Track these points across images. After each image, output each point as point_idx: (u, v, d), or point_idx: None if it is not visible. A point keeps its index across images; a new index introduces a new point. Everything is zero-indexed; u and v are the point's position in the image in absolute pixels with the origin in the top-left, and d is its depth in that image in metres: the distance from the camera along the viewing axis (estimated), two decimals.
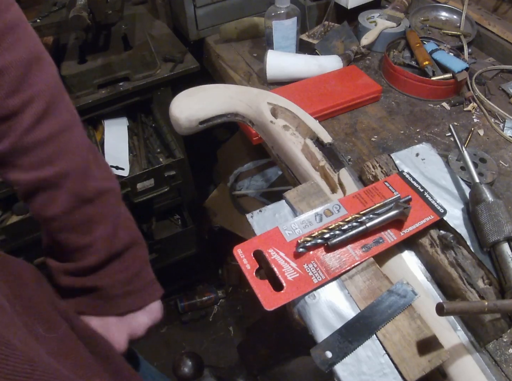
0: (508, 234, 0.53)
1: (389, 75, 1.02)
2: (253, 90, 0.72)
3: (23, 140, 0.44)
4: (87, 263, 0.49)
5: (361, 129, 0.90)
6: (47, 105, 0.46)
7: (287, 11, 0.99)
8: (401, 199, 0.55)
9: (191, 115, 0.68)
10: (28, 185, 0.46)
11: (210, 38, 1.25)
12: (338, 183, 0.60)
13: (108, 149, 1.19)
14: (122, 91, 1.14)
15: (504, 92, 0.98)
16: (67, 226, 0.48)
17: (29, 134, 0.45)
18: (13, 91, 0.43)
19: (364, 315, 0.46)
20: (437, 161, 0.66)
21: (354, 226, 0.51)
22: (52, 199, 0.47)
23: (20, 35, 0.44)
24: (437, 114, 0.94)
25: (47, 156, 0.46)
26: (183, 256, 1.50)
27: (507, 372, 0.49)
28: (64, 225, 0.48)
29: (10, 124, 0.44)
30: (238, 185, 1.57)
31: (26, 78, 0.44)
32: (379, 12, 1.15)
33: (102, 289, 0.50)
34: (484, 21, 1.09)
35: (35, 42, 0.47)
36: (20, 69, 0.43)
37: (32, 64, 0.45)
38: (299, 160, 0.64)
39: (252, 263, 0.49)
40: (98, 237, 0.49)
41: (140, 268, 0.53)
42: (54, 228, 0.48)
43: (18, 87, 0.43)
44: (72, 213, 0.48)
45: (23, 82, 0.44)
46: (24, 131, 0.44)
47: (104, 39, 1.18)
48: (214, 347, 1.65)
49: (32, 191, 0.47)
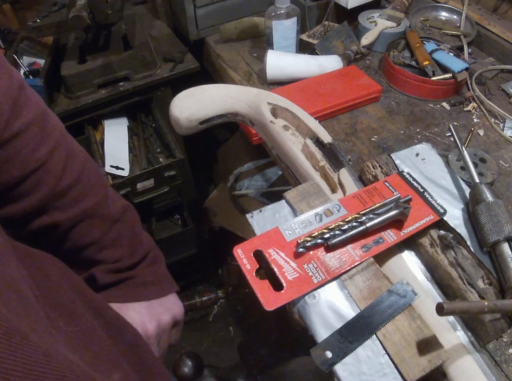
0: (508, 234, 0.53)
1: (389, 75, 1.02)
2: (253, 90, 0.72)
3: (56, 188, 0.49)
4: (126, 264, 0.55)
5: (361, 129, 0.90)
6: (67, 150, 0.51)
7: (287, 11, 0.99)
8: (401, 199, 0.55)
9: (191, 115, 0.68)
10: (69, 221, 0.51)
11: (210, 38, 1.25)
12: (338, 183, 0.60)
13: (108, 149, 1.19)
14: (122, 91, 1.14)
15: (504, 92, 0.98)
16: (105, 245, 0.54)
17: (61, 182, 0.50)
18: (38, 145, 0.47)
19: (364, 315, 0.46)
20: (437, 161, 0.66)
21: (354, 226, 0.52)
22: (90, 227, 0.53)
23: (28, 92, 0.48)
24: (437, 114, 0.94)
25: (80, 193, 0.52)
26: (183, 256, 1.50)
27: (507, 372, 0.49)
28: (103, 245, 0.54)
29: (41, 176, 0.48)
30: (238, 185, 1.57)
31: (44, 131, 0.48)
32: (379, 12, 1.15)
33: (135, 277, 0.56)
34: (484, 21, 1.09)
35: (37, 95, 0.51)
36: (39, 124, 0.48)
37: (45, 116, 0.49)
38: (299, 160, 0.64)
39: (252, 263, 0.49)
40: (132, 244, 0.56)
41: (161, 263, 0.61)
42: (93, 250, 0.54)
43: (40, 141, 0.48)
44: (107, 234, 0.54)
45: (43, 135, 0.48)
46: (56, 180, 0.49)
47: (104, 39, 1.18)
48: (214, 347, 1.65)
49: (72, 225, 0.51)
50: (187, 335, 1.68)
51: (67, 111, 1.10)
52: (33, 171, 0.47)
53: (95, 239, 0.53)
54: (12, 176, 0.45)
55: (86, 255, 0.54)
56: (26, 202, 0.47)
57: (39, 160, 0.47)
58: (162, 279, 0.59)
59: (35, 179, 0.47)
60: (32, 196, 0.48)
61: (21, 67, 1.16)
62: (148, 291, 0.56)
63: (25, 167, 0.46)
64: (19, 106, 0.46)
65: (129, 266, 0.55)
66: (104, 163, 1.14)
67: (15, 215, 0.48)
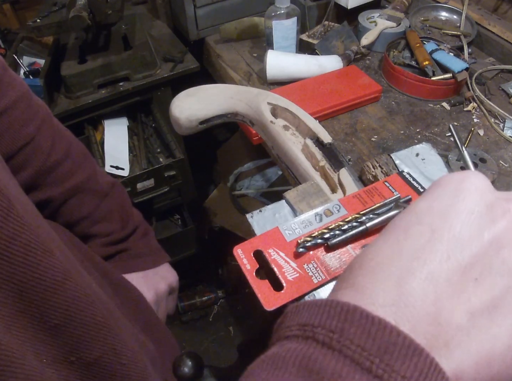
0: None
1: (389, 75, 1.02)
2: (253, 90, 0.72)
3: (46, 164, 0.50)
4: (119, 236, 0.57)
5: (361, 129, 0.90)
6: (53, 127, 0.52)
7: (287, 11, 0.99)
8: (401, 199, 0.55)
9: (191, 115, 0.68)
10: (61, 196, 0.52)
11: (210, 38, 1.25)
12: (338, 183, 0.60)
13: (108, 149, 1.19)
14: (122, 91, 1.14)
15: (504, 92, 0.98)
16: (97, 219, 0.56)
17: (50, 157, 0.51)
18: (25, 121, 0.48)
19: None
20: (437, 161, 0.66)
21: (354, 226, 0.51)
22: (81, 202, 0.54)
23: (11, 72, 0.49)
24: (437, 114, 0.94)
25: (69, 169, 0.53)
26: (183, 256, 1.50)
27: None
28: (95, 220, 0.56)
29: (29, 152, 0.49)
30: (238, 185, 1.57)
31: (31, 108, 0.49)
32: (379, 12, 1.15)
33: (130, 249, 0.58)
34: (484, 21, 1.09)
35: (19, 77, 0.53)
36: (25, 101, 0.49)
37: (30, 94, 0.51)
38: (299, 160, 0.64)
39: (252, 263, 0.49)
40: (123, 218, 0.58)
41: (152, 236, 0.64)
42: (86, 225, 0.55)
43: (28, 117, 0.49)
44: (98, 208, 0.56)
45: (30, 112, 0.49)
46: (46, 156, 0.50)
47: (104, 39, 1.17)
48: (214, 347, 1.65)
49: (63, 200, 0.53)
50: (187, 335, 1.68)
51: (67, 111, 1.10)
52: (22, 147, 0.48)
53: (86, 213, 0.55)
54: (3, 152, 0.46)
55: (79, 229, 0.55)
56: (18, 178, 0.48)
57: (28, 136, 0.48)
58: (155, 250, 0.62)
59: (25, 155, 0.48)
60: (23, 172, 0.49)
61: (21, 67, 1.16)
62: (143, 261, 0.59)
63: (15, 143, 0.47)
64: (4, 85, 0.47)
65: (122, 238, 0.57)
66: (104, 163, 1.14)
67: None
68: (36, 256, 0.28)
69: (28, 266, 0.27)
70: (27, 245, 0.28)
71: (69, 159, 0.53)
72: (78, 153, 0.55)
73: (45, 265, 0.29)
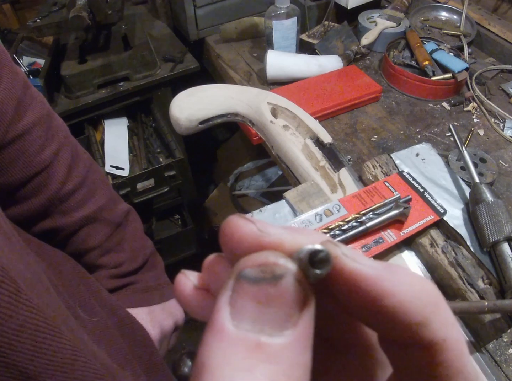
0: (508, 234, 0.53)
1: (389, 75, 1.02)
2: (253, 90, 0.72)
3: (60, 192, 0.48)
4: (128, 269, 0.54)
5: (361, 129, 0.90)
6: (71, 152, 0.50)
7: (287, 11, 0.99)
8: (401, 199, 0.55)
9: (191, 115, 0.68)
10: (72, 226, 0.50)
11: (210, 38, 1.25)
12: (338, 183, 0.60)
13: (108, 149, 1.19)
14: (122, 91, 1.14)
15: (504, 92, 0.98)
16: (107, 250, 0.53)
17: (65, 186, 0.48)
18: (42, 147, 0.46)
19: None
20: (437, 161, 0.66)
21: (354, 226, 0.51)
22: (93, 232, 0.52)
23: (33, 91, 0.47)
24: (437, 114, 0.94)
25: (83, 197, 0.50)
26: (183, 256, 1.50)
27: (507, 372, 0.49)
28: (105, 250, 0.53)
29: (43, 179, 0.46)
30: (238, 185, 1.57)
31: (49, 131, 0.47)
32: (379, 12, 1.15)
33: (137, 283, 0.55)
34: (484, 21, 1.09)
35: (42, 95, 0.49)
36: (43, 124, 0.46)
37: (49, 116, 0.48)
38: (299, 160, 0.64)
39: None
40: (134, 249, 0.55)
41: (161, 268, 0.60)
42: (95, 255, 0.53)
43: (45, 142, 0.46)
44: (110, 238, 0.53)
45: (48, 136, 0.47)
46: (60, 184, 0.48)
47: (104, 39, 1.18)
48: None
49: (74, 230, 0.51)
50: (187, 335, 1.68)
51: (67, 111, 1.10)
52: (37, 173, 0.46)
53: (97, 243, 0.52)
54: (15, 178, 0.44)
55: (87, 259, 0.53)
56: (28, 206, 0.46)
57: (43, 163, 0.46)
58: (163, 284, 0.58)
59: (38, 182, 0.46)
60: (34, 199, 0.46)
61: (21, 67, 1.16)
62: (151, 296, 0.56)
63: (29, 169, 0.45)
64: (24, 106, 0.44)
65: (132, 271, 0.55)
66: (104, 163, 1.14)
67: (17, 218, 0.46)
68: (45, 341, 0.27)
69: (36, 353, 0.26)
70: (36, 330, 0.26)
71: (85, 187, 0.51)
72: (94, 179, 0.53)
73: (53, 348, 0.27)
